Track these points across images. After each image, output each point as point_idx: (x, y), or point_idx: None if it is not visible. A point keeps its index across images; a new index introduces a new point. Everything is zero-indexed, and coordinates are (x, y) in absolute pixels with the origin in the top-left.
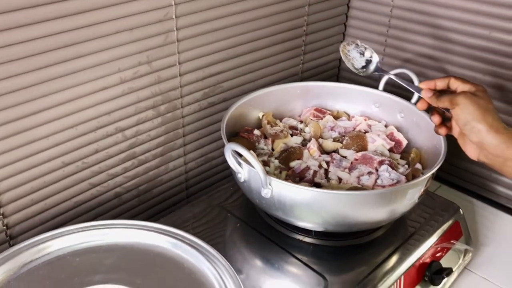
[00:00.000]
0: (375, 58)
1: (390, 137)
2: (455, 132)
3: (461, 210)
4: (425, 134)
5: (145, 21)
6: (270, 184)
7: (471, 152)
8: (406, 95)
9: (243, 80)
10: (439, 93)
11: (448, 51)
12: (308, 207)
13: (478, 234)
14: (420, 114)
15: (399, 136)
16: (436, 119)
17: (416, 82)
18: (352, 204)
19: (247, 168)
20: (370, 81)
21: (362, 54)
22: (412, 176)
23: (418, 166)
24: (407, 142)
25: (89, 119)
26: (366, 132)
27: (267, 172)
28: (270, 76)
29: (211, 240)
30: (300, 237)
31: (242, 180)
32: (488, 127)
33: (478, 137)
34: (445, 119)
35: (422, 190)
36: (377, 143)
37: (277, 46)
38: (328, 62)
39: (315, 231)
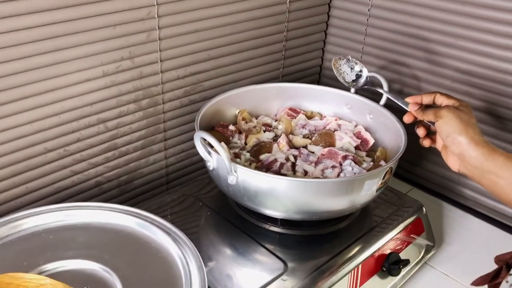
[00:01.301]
0: (365, 73)
1: (357, 135)
2: (439, 145)
3: (424, 208)
4: (391, 134)
5: (128, 18)
6: (235, 171)
7: (452, 163)
8: (375, 98)
9: (224, 80)
10: (425, 107)
11: (420, 59)
12: (271, 194)
13: (444, 233)
14: (388, 116)
15: (366, 135)
16: (421, 131)
17: (385, 86)
18: (311, 192)
19: (215, 157)
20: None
21: (353, 68)
22: None
23: (382, 163)
24: (374, 141)
25: (72, 109)
26: (335, 130)
27: (237, 163)
28: (250, 78)
29: (187, 229)
30: (267, 226)
31: (211, 168)
32: (469, 140)
33: (459, 149)
34: (430, 132)
35: (379, 182)
36: (344, 140)
37: (258, 50)
38: (309, 68)
39: (281, 221)
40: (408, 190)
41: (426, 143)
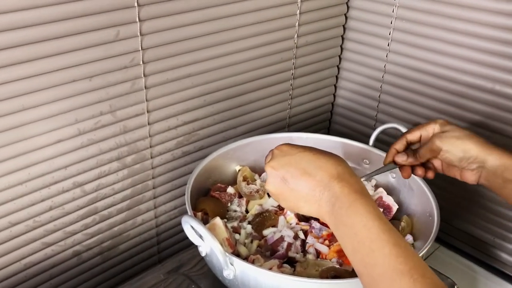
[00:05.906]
0: None
1: (379, 202)
2: (439, 169)
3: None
4: (418, 199)
5: (107, 67)
6: (232, 264)
7: (470, 177)
8: None
9: (223, 127)
10: (410, 151)
11: (444, 101)
12: None
13: None
14: (413, 177)
15: (389, 200)
16: (420, 171)
17: None
18: None
19: (209, 242)
20: (361, 136)
21: None
22: None
23: (408, 238)
24: (397, 207)
25: (42, 175)
26: None
27: (236, 241)
28: (253, 123)
29: None
30: None
31: (203, 254)
32: (480, 150)
33: (478, 162)
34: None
35: None
36: None
37: (261, 91)
38: (319, 107)
39: None
40: (434, 250)
41: (419, 174)
